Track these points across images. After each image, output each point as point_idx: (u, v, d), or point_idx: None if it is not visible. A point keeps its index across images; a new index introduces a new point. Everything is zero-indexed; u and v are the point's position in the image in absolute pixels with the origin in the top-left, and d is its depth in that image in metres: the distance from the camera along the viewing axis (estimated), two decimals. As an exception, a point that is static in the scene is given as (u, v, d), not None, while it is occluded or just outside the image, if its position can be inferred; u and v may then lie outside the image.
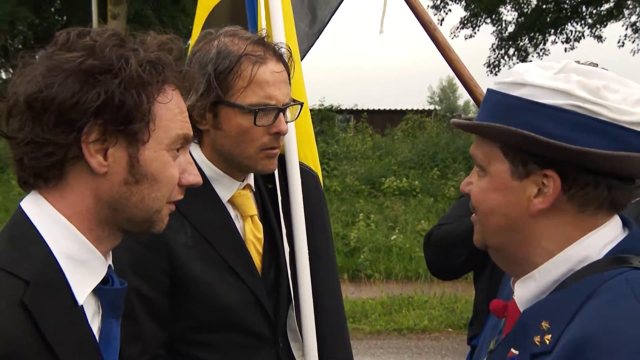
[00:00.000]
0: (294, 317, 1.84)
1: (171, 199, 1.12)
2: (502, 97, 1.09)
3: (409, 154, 13.98)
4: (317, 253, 1.93)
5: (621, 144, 1.01)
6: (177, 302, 1.58)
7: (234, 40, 1.62)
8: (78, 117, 1.00)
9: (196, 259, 1.58)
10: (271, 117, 1.61)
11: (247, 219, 1.72)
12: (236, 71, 1.57)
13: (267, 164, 1.66)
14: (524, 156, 1.07)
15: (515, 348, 1.08)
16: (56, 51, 1.03)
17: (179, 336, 1.60)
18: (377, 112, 20.40)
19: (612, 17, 18.63)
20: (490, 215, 1.12)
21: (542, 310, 1.06)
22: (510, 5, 18.80)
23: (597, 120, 1.02)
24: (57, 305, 1.00)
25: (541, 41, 19.28)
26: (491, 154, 1.11)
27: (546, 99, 1.04)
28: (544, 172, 1.05)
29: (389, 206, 11.62)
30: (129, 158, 1.05)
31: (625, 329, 0.92)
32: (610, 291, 0.98)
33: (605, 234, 1.08)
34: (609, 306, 0.97)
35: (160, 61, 1.06)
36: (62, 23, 22.09)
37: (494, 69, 19.61)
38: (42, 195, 1.05)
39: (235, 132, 1.60)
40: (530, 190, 1.07)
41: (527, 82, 1.06)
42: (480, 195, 1.13)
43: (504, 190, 1.09)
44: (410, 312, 7.43)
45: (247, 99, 1.58)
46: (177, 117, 1.10)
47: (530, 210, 1.08)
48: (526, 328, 1.07)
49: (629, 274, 1.00)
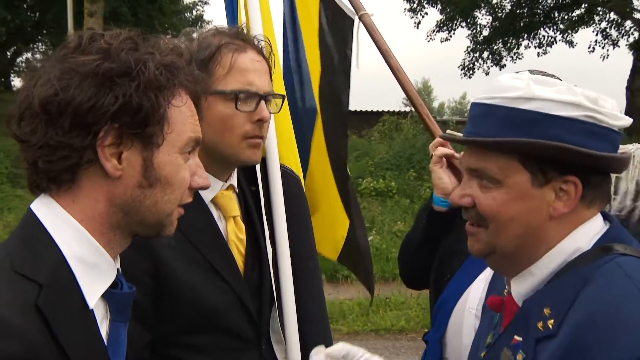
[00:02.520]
0: (277, 319, 1.83)
1: (182, 201, 1.12)
2: (511, 111, 1.14)
3: (385, 155, 14.06)
4: (299, 255, 1.93)
5: (615, 145, 1.16)
6: (160, 303, 1.56)
7: (214, 33, 1.65)
8: (94, 121, 0.99)
9: (179, 260, 1.57)
10: (253, 104, 1.62)
11: (229, 219, 1.71)
12: (216, 59, 1.59)
13: (251, 155, 1.65)
14: (543, 165, 1.14)
15: (518, 335, 1.15)
16: (69, 54, 1.02)
17: (162, 338, 1.58)
18: (353, 113, 20.41)
19: (583, 22, 19.04)
20: (511, 224, 1.17)
21: (542, 297, 1.14)
22: (485, 9, 19.07)
23: (601, 126, 1.13)
24: (69, 308, 1.00)
25: (515, 45, 19.60)
26: (508, 166, 1.15)
27: (559, 111, 1.12)
28: (564, 179, 1.14)
29: (366, 207, 11.67)
30: (143, 161, 1.05)
31: (623, 308, 1.01)
32: (604, 276, 1.07)
33: (593, 225, 1.18)
34: (606, 289, 1.05)
35: (175, 65, 1.07)
36: (35, 20, 21.70)
37: (468, 71, 19.87)
38: (54, 199, 1.05)
39: (217, 120, 1.59)
40: (549, 196, 1.15)
41: (536, 96, 1.13)
42: (498, 206, 1.17)
43: (525, 199, 1.15)
44: (388, 312, 7.48)
45: (228, 85, 1.60)
46: (189, 120, 1.11)
47: (550, 214, 1.15)
48: (528, 315, 1.14)
49: (619, 259, 1.10)
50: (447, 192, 2.01)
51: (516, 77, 1.19)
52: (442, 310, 2.06)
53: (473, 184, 1.20)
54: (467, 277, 2.03)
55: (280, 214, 1.89)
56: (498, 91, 1.17)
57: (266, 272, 1.80)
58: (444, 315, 2.05)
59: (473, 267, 2.02)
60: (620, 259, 1.10)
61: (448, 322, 2.03)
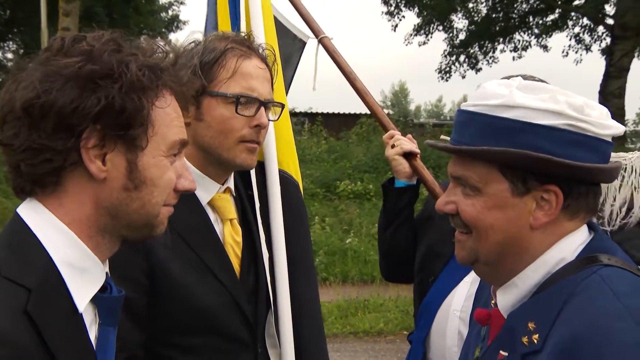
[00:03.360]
0: (272, 322, 1.83)
1: (167, 202, 1.12)
2: (492, 120, 1.12)
3: (363, 158, 14.12)
4: (295, 259, 1.93)
5: (602, 154, 1.12)
6: (155, 302, 1.56)
7: (220, 39, 1.68)
8: (77, 123, 0.99)
9: (175, 260, 1.57)
10: (253, 109, 1.64)
11: (226, 222, 1.72)
12: (221, 62, 1.62)
13: (246, 158, 1.66)
14: (523, 174, 1.11)
15: (504, 350, 1.13)
16: (52, 57, 1.02)
17: (157, 338, 1.58)
18: (331, 115, 20.51)
19: (557, 27, 19.39)
20: (490, 232, 1.15)
21: (527, 311, 1.12)
22: (462, 13, 19.28)
23: (586, 135, 1.10)
24: (58, 313, 0.99)
25: (490, 49, 19.86)
26: (487, 175, 1.13)
27: (541, 119, 1.09)
28: (544, 188, 1.11)
29: (344, 209, 11.69)
30: (127, 163, 1.04)
31: (608, 327, 0.98)
32: (588, 290, 1.05)
33: (577, 236, 1.15)
34: (589, 304, 1.03)
35: (158, 66, 1.07)
36: (5, 18, 21.29)
37: (445, 75, 20.08)
38: (40, 202, 1.04)
39: (216, 122, 1.62)
40: (529, 205, 1.12)
41: (517, 104, 1.10)
42: (477, 214, 1.15)
43: (504, 207, 1.13)
44: (367, 315, 7.49)
45: (230, 89, 1.62)
46: (175, 122, 1.10)
47: (531, 224, 1.13)
48: (513, 330, 1.12)
49: (601, 271, 1.07)
50: (408, 176, 2.25)
51: (502, 83, 1.16)
52: (427, 311, 2.09)
53: (457, 191, 1.19)
54: (451, 279, 2.06)
55: (277, 219, 1.90)
56: (482, 98, 1.15)
57: (262, 275, 1.80)
58: (429, 316, 2.08)
59: (458, 269, 2.04)
60: (603, 270, 1.08)
61: (432, 323, 2.06)
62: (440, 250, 2.11)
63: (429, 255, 2.17)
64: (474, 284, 1.98)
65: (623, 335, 0.96)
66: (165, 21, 24.56)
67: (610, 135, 1.13)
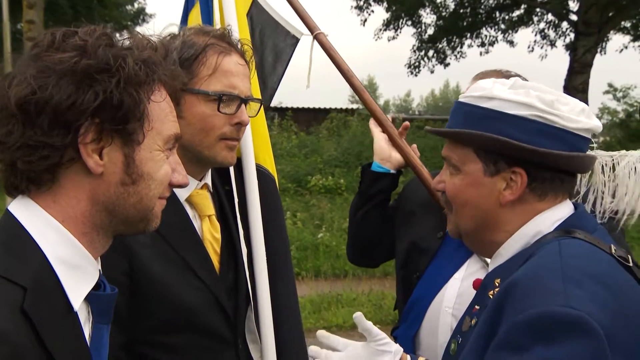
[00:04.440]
0: (252, 318, 1.83)
1: (161, 195, 1.12)
2: (473, 108, 1.29)
3: (334, 153, 14.15)
4: (274, 254, 1.93)
5: (570, 146, 1.25)
6: (136, 302, 1.54)
7: (199, 33, 1.65)
8: (75, 118, 0.99)
9: (155, 259, 1.56)
10: (234, 107, 1.64)
11: (204, 218, 1.70)
12: (201, 59, 1.60)
13: (227, 156, 1.66)
14: (494, 157, 1.27)
15: (477, 304, 1.31)
16: (43, 52, 1.01)
17: (138, 338, 1.56)
18: (301, 110, 20.47)
19: (523, 23, 19.68)
20: (465, 207, 1.32)
21: (496, 271, 1.30)
22: (430, 8, 19.42)
23: (553, 127, 1.24)
24: (54, 311, 0.98)
25: (458, 44, 20.07)
26: (465, 155, 1.31)
27: (513, 110, 1.25)
28: (512, 170, 1.26)
29: (315, 204, 11.70)
30: (124, 158, 1.04)
31: (540, 277, 1.12)
32: (543, 251, 1.20)
33: (555, 213, 1.28)
34: (536, 260, 1.18)
35: (152, 60, 1.07)
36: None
37: (415, 69, 20.20)
38: (33, 200, 1.03)
39: (197, 120, 1.61)
40: (500, 184, 1.28)
41: (494, 96, 1.26)
42: (456, 190, 1.33)
43: (477, 186, 1.30)
44: (340, 309, 7.51)
45: (212, 87, 1.61)
46: (169, 117, 1.11)
47: (499, 201, 1.28)
48: (485, 287, 1.31)
49: (563, 240, 1.21)
50: (384, 157, 2.26)
51: (493, 80, 1.33)
52: (416, 307, 2.08)
53: (447, 171, 1.36)
54: (440, 275, 2.06)
55: (255, 214, 1.89)
56: (471, 91, 1.31)
57: (241, 271, 1.80)
58: (418, 313, 2.07)
59: (446, 266, 2.05)
60: (565, 240, 1.21)
61: (422, 320, 2.05)
62: (425, 247, 2.11)
63: (412, 251, 2.16)
64: (464, 281, 1.99)
65: (547, 284, 1.08)
66: (131, 14, 24.10)
67: (580, 130, 1.25)
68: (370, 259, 2.47)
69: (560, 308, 1.03)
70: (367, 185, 2.31)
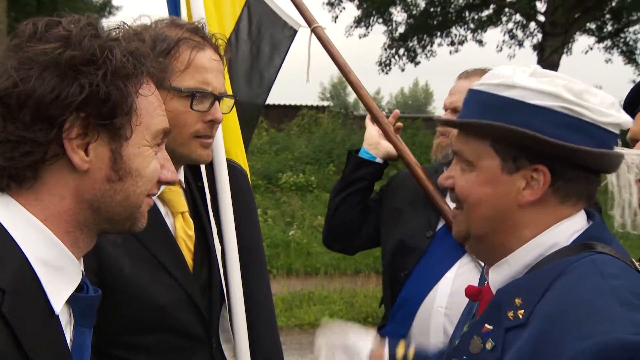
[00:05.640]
0: (227, 317, 1.79)
1: (149, 192, 1.08)
2: (491, 97, 1.14)
3: (305, 150, 14.09)
4: (247, 250, 1.90)
5: (599, 142, 1.12)
6: (106, 302, 1.48)
7: (171, 26, 1.59)
8: (59, 112, 0.94)
9: (125, 257, 1.50)
10: (207, 104, 1.58)
11: (177, 215, 1.66)
12: (174, 54, 1.54)
13: (202, 154, 1.62)
14: (514, 152, 1.13)
15: (489, 324, 1.15)
16: (25, 43, 0.96)
17: (109, 339, 1.50)
18: (272, 106, 20.31)
19: (492, 23, 19.94)
20: (479, 206, 1.18)
21: (515, 288, 1.14)
22: (401, 6, 19.51)
23: (581, 120, 1.10)
24: (34, 314, 0.94)
25: (429, 43, 20.21)
26: (481, 149, 1.16)
27: (537, 100, 1.11)
28: (534, 167, 1.13)
29: (286, 201, 11.64)
30: (111, 154, 1.00)
31: (593, 301, 1.00)
32: (577, 270, 1.07)
33: (574, 223, 1.16)
34: (577, 283, 1.05)
35: (140, 52, 1.02)
36: None
37: (385, 67, 20.28)
38: (13, 198, 0.97)
39: (169, 117, 1.54)
40: (519, 183, 1.14)
41: (515, 84, 1.12)
42: (468, 188, 1.19)
43: (494, 183, 1.16)
44: (312, 307, 7.48)
45: (185, 83, 1.55)
46: (157, 111, 1.06)
47: (518, 202, 1.15)
48: (500, 305, 1.14)
49: (594, 256, 1.09)
50: (372, 143, 2.25)
51: (515, 67, 1.18)
52: (406, 306, 2.06)
53: (457, 167, 1.22)
54: (431, 275, 2.04)
55: (227, 210, 1.86)
56: (488, 78, 1.18)
57: (215, 268, 1.75)
58: (408, 312, 2.05)
59: (436, 265, 2.03)
60: (596, 256, 1.09)
61: (413, 319, 2.03)
62: (413, 245, 2.10)
63: (400, 249, 2.14)
64: (456, 280, 1.97)
65: (605, 309, 0.98)
66: (97, 6, 23.58)
67: (610, 124, 1.13)
68: (346, 246, 2.46)
69: (630, 336, 0.93)
70: (351, 170, 2.31)
